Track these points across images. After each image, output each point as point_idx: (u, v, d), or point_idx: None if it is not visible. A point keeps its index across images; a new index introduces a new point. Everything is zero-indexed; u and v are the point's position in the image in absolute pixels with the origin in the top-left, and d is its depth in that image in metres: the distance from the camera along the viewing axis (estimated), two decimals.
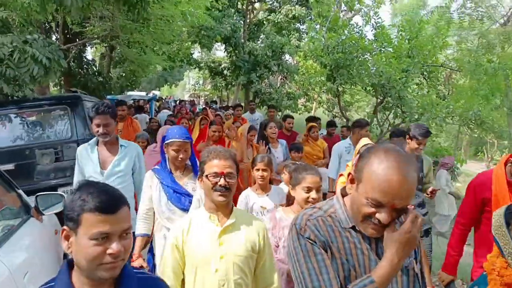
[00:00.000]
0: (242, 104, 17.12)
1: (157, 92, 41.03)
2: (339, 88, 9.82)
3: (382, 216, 1.27)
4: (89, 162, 3.28)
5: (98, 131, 3.18)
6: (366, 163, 1.32)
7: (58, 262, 3.02)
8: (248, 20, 19.88)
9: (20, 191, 3.00)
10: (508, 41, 7.86)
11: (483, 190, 2.78)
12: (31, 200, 3.02)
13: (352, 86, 9.99)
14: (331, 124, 7.57)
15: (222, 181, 1.96)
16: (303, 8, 18.35)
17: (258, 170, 3.42)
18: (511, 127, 5.72)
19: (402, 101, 8.10)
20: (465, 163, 10.74)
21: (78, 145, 6.10)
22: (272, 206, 3.27)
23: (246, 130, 5.39)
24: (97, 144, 3.35)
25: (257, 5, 21.47)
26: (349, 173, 1.44)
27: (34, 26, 7.58)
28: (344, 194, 1.51)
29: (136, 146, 3.55)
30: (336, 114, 10.79)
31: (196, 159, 2.96)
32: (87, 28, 12.33)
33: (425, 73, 9.36)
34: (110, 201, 1.20)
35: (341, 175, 3.62)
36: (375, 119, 9.26)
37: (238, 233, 2.00)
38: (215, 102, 22.48)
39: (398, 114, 8.50)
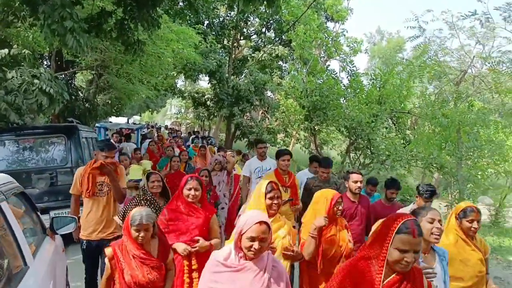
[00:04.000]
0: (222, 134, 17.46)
1: (137, 117, 41.28)
2: (315, 127, 10.63)
3: None
4: None
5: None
6: None
7: (64, 275, 3.51)
8: (233, 56, 20.83)
9: (38, 213, 3.49)
10: (460, 99, 8.92)
11: None
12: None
13: (328, 126, 10.79)
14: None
15: None
16: (286, 48, 19.44)
17: None
18: (459, 173, 6.55)
19: (371, 143, 8.92)
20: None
21: (72, 172, 6.55)
22: None
23: (329, 200, 3.11)
24: None
25: (242, 42, 22.52)
26: None
27: (36, 59, 8.09)
28: None
29: None
30: (312, 151, 11.54)
31: None
32: (79, 58, 12.83)
33: (394, 118, 10.27)
34: None
35: None
36: (347, 158, 10.03)
37: None
38: (198, 132, 23.04)
39: (368, 155, 9.30)
